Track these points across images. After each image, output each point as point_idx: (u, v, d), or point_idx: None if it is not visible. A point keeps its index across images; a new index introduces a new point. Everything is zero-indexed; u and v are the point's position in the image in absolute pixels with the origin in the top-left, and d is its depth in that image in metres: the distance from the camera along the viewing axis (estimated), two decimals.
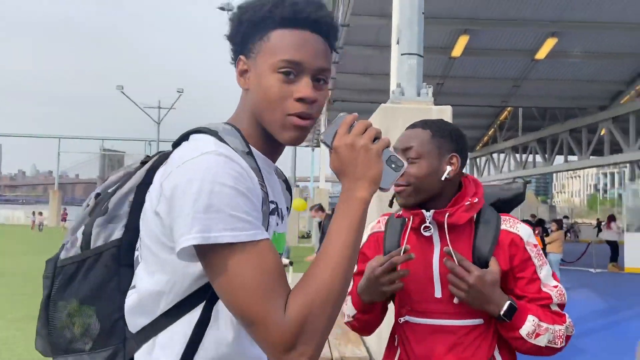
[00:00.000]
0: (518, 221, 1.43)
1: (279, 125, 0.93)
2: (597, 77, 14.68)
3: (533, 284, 1.37)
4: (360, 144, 0.90)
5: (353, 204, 0.89)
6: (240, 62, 0.97)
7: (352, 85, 15.26)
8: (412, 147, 1.40)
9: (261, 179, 0.92)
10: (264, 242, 0.84)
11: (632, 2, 11.10)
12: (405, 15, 3.65)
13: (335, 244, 0.87)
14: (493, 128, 22.72)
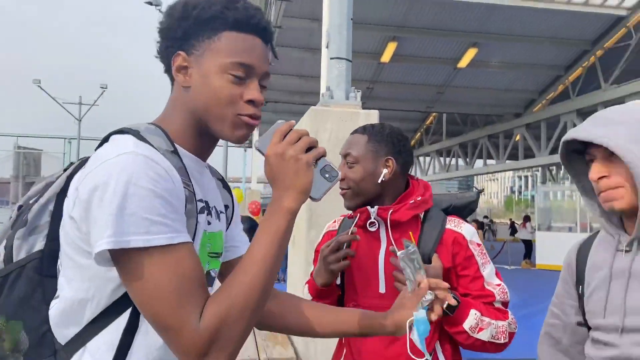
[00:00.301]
0: (463, 222, 1.49)
1: (229, 124, 0.94)
2: (512, 86, 15.72)
3: (476, 281, 1.41)
4: (290, 153, 0.90)
5: (279, 213, 0.89)
6: (179, 57, 0.94)
7: (285, 86, 15.30)
8: (350, 153, 1.49)
9: (187, 178, 0.90)
10: (182, 245, 0.83)
11: (543, 18, 12.03)
12: (335, 20, 3.74)
13: (257, 253, 0.87)
14: (419, 132, 23.65)
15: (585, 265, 1.29)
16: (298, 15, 11.08)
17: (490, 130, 18.45)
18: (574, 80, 14.46)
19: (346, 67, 3.78)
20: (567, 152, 1.29)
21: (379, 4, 11.61)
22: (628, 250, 1.17)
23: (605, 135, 1.13)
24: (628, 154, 1.09)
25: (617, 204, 1.15)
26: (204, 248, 0.98)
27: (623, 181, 1.13)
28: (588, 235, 1.37)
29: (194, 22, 0.93)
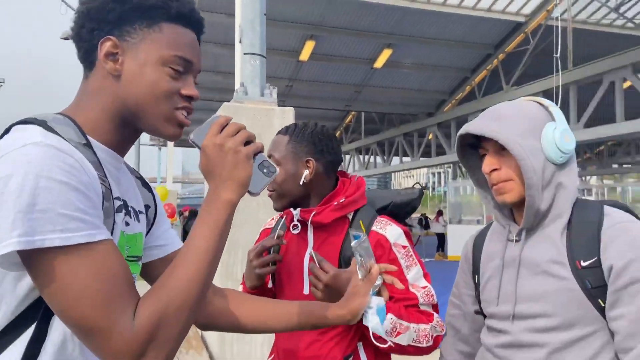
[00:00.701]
0: (390, 223, 1.44)
1: (163, 118, 0.90)
2: (425, 86, 16.46)
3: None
4: (229, 145, 0.87)
5: (218, 205, 0.86)
6: (109, 42, 0.87)
7: (203, 83, 14.87)
8: (272, 155, 1.45)
9: (102, 173, 0.84)
10: (104, 243, 0.76)
11: (451, 22, 12.72)
12: (247, 15, 3.67)
13: (195, 247, 0.83)
14: (339, 131, 24.05)
15: (481, 255, 1.35)
16: (213, 10, 10.82)
17: (406, 129, 19.18)
18: (480, 82, 15.41)
19: (260, 63, 3.73)
20: (463, 147, 1.34)
21: (296, 2, 11.65)
22: (518, 240, 1.23)
23: (496, 129, 1.17)
24: (516, 147, 1.15)
25: (507, 197, 1.21)
26: (122, 250, 0.90)
27: (513, 174, 1.19)
28: (483, 227, 1.44)
29: (132, 8, 0.88)
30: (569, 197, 1.20)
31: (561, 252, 1.15)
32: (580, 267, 1.12)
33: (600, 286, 1.11)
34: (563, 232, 1.17)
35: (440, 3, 12.05)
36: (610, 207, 1.20)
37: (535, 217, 1.19)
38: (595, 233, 1.13)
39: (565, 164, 1.20)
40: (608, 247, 1.11)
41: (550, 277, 1.15)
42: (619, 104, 10.61)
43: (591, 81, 11.44)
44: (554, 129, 1.17)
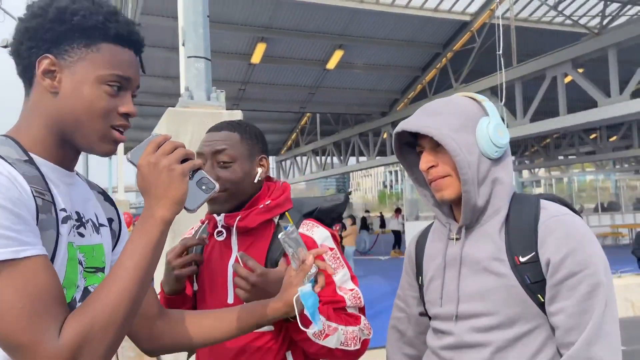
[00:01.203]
0: (317, 225, 1.42)
1: (99, 136, 0.92)
2: (377, 86, 16.64)
3: (327, 287, 1.34)
4: (164, 163, 0.89)
5: (151, 222, 0.87)
6: (46, 60, 0.90)
7: (150, 88, 14.48)
8: (224, 150, 1.34)
9: (43, 186, 0.86)
10: (32, 259, 0.77)
11: (399, 22, 12.92)
12: (189, 17, 3.56)
13: (126, 264, 0.83)
14: (295, 132, 24.01)
15: (423, 255, 1.32)
16: (157, 13, 10.55)
17: (361, 128, 19.34)
18: (430, 80, 15.73)
19: (205, 66, 3.63)
20: (401, 146, 1.31)
21: (245, 4, 11.52)
22: (458, 238, 1.21)
23: (431, 125, 1.16)
24: (450, 143, 1.13)
25: (446, 193, 1.19)
26: (74, 261, 0.91)
27: (450, 170, 1.17)
28: (425, 227, 1.41)
29: (71, 28, 0.91)
30: (506, 192, 1.18)
31: (500, 248, 1.14)
32: (519, 263, 1.11)
33: (539, 281, 1.10)
34: (501, 228, 1.16)
35: (389, 4, 12.20)
36: (547, 200, 1.19)
37: (473, 214, 1.17)
38: (532, 227, 1.12)
39: (501, 158, 1.19)
40: (545, 241, 1.10)
41: (490, 274, 1.13)
42: (562, 98, 11.05)
43: (535, 77, 11.87)
44: (487, 123, 1.16)
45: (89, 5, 0.93)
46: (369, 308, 1.52)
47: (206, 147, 1.37)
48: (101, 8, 0.94)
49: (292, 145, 25.57)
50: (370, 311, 1.64)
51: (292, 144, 25.44)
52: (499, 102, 7.35)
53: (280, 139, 25.17)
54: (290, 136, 24.77)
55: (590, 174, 24.71)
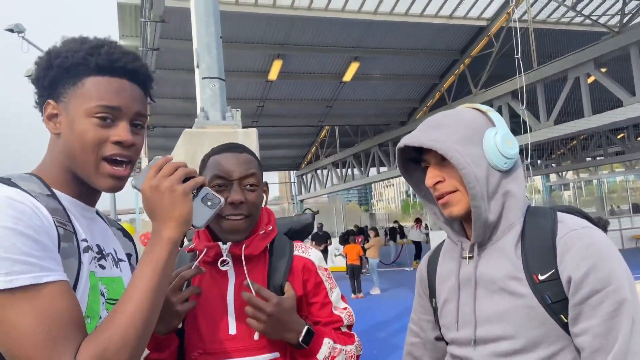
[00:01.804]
0: (309, 247, 1.43)
1: (93, 170, 0.93)
2: (395, 96, 16.57)
3: (325, 307, 1.36)
4: (165, 185, 0.91)
5: (159, 244, 0.89)
6: (48, 105, 0.96)
7: (172, 110, 14.72)
8: (255, 174, 1.31)
9: (65, 218, 0.89)
10: (52, 285, 0.79)
11: (415, 31, 12.88)
12: (203, 39, 3.59)
13: (137, 287, 0.85)
14: (315, 146, 24.04)
15: (436, 276, 1.25)
16: (174, 37, 10.74)
17: (380, 139, 19.25)
18: (448, 87, 15.58)
19: (220, 87, 3.64)
20: (406, 162, 1.25)
21: (261, 23, 11.65)
22: (471, 256, 1.14)
23: (434, 139, 1.10)
24: (456, 156, 1.07)
25: (455, 210, 1.12)
26: (96, 291, 0.93)
27: (457, 184, 1.11)
28: (436, 246, 1.34)
29: (58, 71, 0.94)
30: (519, 206, 1.11)
31: (517, 266, 1.06)
32: (538, 281, 1.03)
33: (561, 300, 1.02)
34: (517, 244, 1.08)
35: (403, 13, 12.17)
36: (564, 213, 1.12)
37: (485, 230, 1.10)
38: (550, 243, 1.04)
39: (511, 170, 1.12)
40: (564, 257, 1.02)
41: (508, 294, 1.06)
42: (586, 98, 10.80)
43: (556, 78, 11.64)
44: (494, 134, 1.10)
45: (75, 45, 0.96)
46: (395, 322, 1.50)
47: (236, 168, 1.30)
48: (84, 45, 0.96)
49: (312, 159, 25.61)
50: (397, 325, 1.60)
51: (312, 157, 25.47)
52: (521, 106, 7.20)
53: (300, 153, 25.24)
54: (310, 150, 24.81)
55: (620, 175, 24.01)
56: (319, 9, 11.54)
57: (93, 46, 0.96)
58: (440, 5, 12.23)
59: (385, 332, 7.46)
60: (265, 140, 20.05)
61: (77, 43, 0.97)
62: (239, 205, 1.27)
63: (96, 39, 0.99)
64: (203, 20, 3.60)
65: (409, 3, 11.91)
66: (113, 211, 17.68)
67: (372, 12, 11.94)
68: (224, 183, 1.29)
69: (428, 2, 11.98)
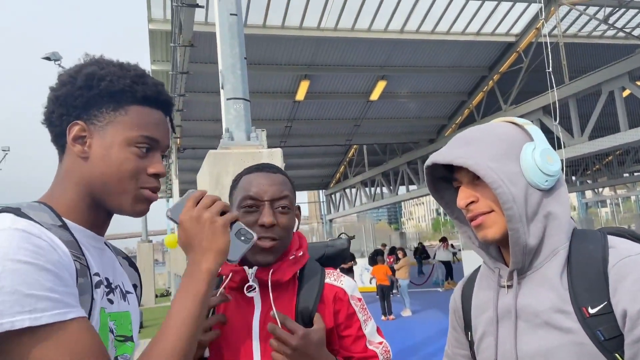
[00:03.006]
0: (342, 275, 1.34)
1: (131, 198, 0.93)
2: (423, 114, 16.44)
3: (359, 341, 1.27)
4: (206, 216, 0.92)
5: (198, 275, 0.89)
6: (77, 127, 0.92)
7: (201, 132, 14.99)
8: (287, 196, 1.26)
9: (78, 251, 0.86)
10: (76, 321, 0.77)
11: (442, 49, 12.80)
12: (227, 60, 3.61)
13: (177, 318, 0.85)
14: (343, 165, 24.01)
15: (471, 307, 1.15)
16: (203, 60, 10.97)
17: (409, 157, 19.08)
18: (477, 104, 15.37)
19: (244, 107, 3.64)
20: (435, 180, 1.16)
21: (288, 45, 11.80)
22: (510, 285, 1.04)
23: (465, 155, 1.01)
24: (489, 173, 0.98)
25: (489, 232, 1.02)
26: (105, 328, 0.90)
27: (493, 205, 1.01)
28: (470, 274, 1.25)
29: (99, 94, 0.92)
30: (563, 228, 1.01)
31: (563, 297, 0.95)
32: (589, 315, 0.92)
33: (616, 337, 0.90)
34: (563, 272, 0.98)
35: (429, 32, 12.13)
36: (615, 236, 1.00)
37: (524, 256, 1.00)
38: (601, 271, 0.93)
39: (553, 189, 1.02)
40: (617, 288, 0.91)
41: (553, 329, 0.95)
42: (621, 112, 10.45)
43: (590, 92, 11.34)
44: (532, 149, 1.00)
45: (117, 70, 0.95)
46: (428, 345, 1.40)
47: (268, 190, 1.24)
48: (128, 72, 0.96)
49: (340, 178, 25.56)
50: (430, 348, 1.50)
51: (341, 176, 25.42)
52: (553, 121, 7.00)
53: (329, 172, 25.24)
54: (339, 169, 24.78)
55: None
56: (345, 29, 11.62)
57: (139, 75, 0.96)
58: (467, 23, 12.14)
59: (417, 356, 7.23)
60: (294, 160, 20.14)
61: (118, 68, 0.95)
62: (269, 228, 1.22)
63: (136, 67, 0.99)
64: (227, 42, 3.64)
65: (435, 21, 11.87)
66: (144, 232, 17.96)
67: (399, 31, 11.95)
68: (255, 204, 1.24)
69: (455, 19, 11.92)
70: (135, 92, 0.94)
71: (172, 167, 16.86)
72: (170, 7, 9.06)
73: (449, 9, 11.50)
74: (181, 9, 7.46)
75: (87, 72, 0.93)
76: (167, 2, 9.66)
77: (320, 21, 11.26)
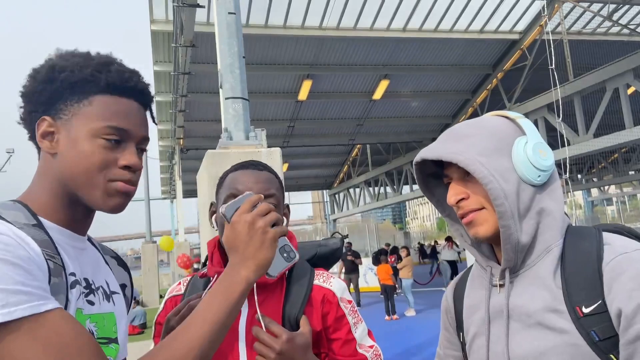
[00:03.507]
0: (332, 276, 1.30)
1: (101, 192, 0.89)
2: (426, 112, 16.39)
3: (348, 345, 1.23)
4: (260, 224, 0.90)
5: (235, 280, 0.86)
6: (44, 122, 0.88)
7: (204, 132, 15.00)
8: (274, 194, 1.22)
9: (53, 250, 0.82)
10: (53, 312, 0.73)
11: (445, 47, 12.74)
12: (225, 59, 3.59)
13: (203, 318, 0.83)
14: (347, 165, 23.98)
15: (463, 307, 1.11)
16: (204, 61, 10.97)
17: (412, 156, 18.95)
18: (481, 102, 15.31)
19: (243, 107, 3.62)
20: (426, 177, 1.12)
21: (290, 45, 11.79)
22: (502, 284, 1.00)
23: (455, 150, 0.97)
24: (479, 168, 0.94)
25: (481, 230, 0.99)
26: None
27: (484, 201, 0.98)
28: (462, 272, 1.21)
29: (60, 86, 0.88)
30: (556, 225, 0.97)
31: (557, 296, 0.92)
32: (583, 315, 0.88)
33: (611, 337, 0.87)
34: (556, 271, 0.94)
35: (432, 30, 12.08)
36: (611, 233, 0.96)
37: (516, 254, 0.96)
38: (595, 269, 0.90)
39: (546, 184, 0.99)
40: (612, 286, 0.87)
41: (546, 330, 0.91)
42: (626, 110, 10.37)
43: (594, 90, 11.26)
44: (525, 143, 0.97)
45: (79, 60, 0.91)
46: (431, 345, 1.35)
47: (254, 187, 1.22)
48: (91, 60, 0.91)
49: (344, 177, 25.52)
50: (433, 348, 1.45)
51: (344, 176, 25.39)
52: (557, 118, 6.94)
53: (332, 172, 25.21)
54: (342, 169, 24.75)
55: None
56: (347, 28, 11.59)
57: (102, 63, 0.91)
58: (471, 20, 12.09)
59: (421, 355, 7.18)
60: (297, 160, 20.11)
61: (82, 58, 0.91)
62: None
63: (102, 55, 0.93)
64: (226, 41, 3.61)
65: (438, 19, 11.82)
66: (149, 233, 17.99)
67: (401, 29, 11.91)
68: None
69: (458, 17, 11.86)
70: (98, 80, 0.89)
71: (176, 168, 16.87)
72: (172, 7, 9.05)
73: (452, 7, 11.45)
74: (182, 9, 7.44)
75: (48, 65, 0.90)
76: (169, 3, 9.65)
77: (322, 20, 11.23)
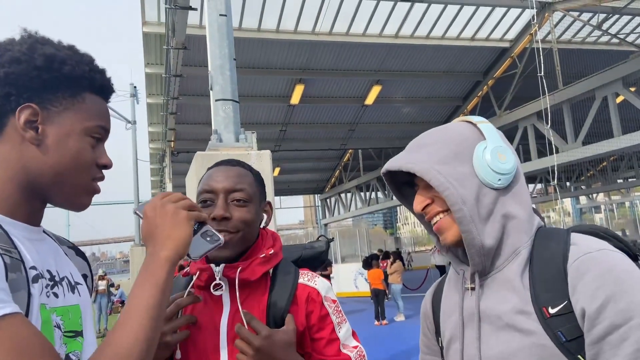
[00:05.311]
0: (317, 275, 1.31)
1: (82, 189, 0.89)
2: (417, 118, 16.46)
3: (332, 344, 1.23)
4: (170, 207, 0.91)
5: (157, 263, 0.85)
6: (29, 109, 0.85)
7: (195, 135, 14.94)
8: (243, 189, 1.22)
9: (9, 244, 0.79)
10: (10, 317, 0.70)
11: (436, 54, 12.83)
12: (216, 61, 3.59)
13: (136, 307, 0.80)
14: (338, 169, 23.99)
15: (440, 311, 1.12)
16: (196, 64, 10.95)
17: None
18: (472, 109, 15.40)
19: (233, 109, 3.62)
20: (401, 187, 1.13)
21: (282, 49, 11.80)
22: (473, 287, 1.01)
23: (414, 160, 0.99)
24: (436, 176, 0.96)
25: (448, 236, 1.00)
26: (48, 325, 0.82)
27: (447, 207, 1.00)
28: (442, 277, 1.21)
29: (58, 77, 0.87)
30: (522, 228, 0.98)
31: (524, 298, 0.92)
32: (549, 316, 0.89)
33: (577, 338, 0.87)
34: (524, 272, 0.95)
35: (424, 36, 12.16)
36: (581, 234, 0.97)
37: (482, 257, 0.97)
38: (561, 269, 0.90)
39: (509, 188, 0.99)
40: (577, 285, 0.87)
41: (515, 332, 0.92)
42: (615, 118, 10.49)
43: (583, 98, 11.38)
44: (484, 148, 0.99)
45: (74, 54, 0.90)
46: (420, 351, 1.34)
47: (222, 182, 1.22)
48: (84, 57, 0.92)
49: (335, 182, 25.53)
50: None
51: (336, 181, 25.40)
52: (545, 125, 7.01)
53: (324, 177, 25.21)
54: (334, 174, 24.77)
55: None
56: (340, 33, 11.63)
57: (91, 62, 0.93)
58: (462, 28, 12.18)
59: None
60: (289, 165, 20.10)
61: (72, 52, 0.90)
62: (221, 222, 1.18)
63: (85, 53, 0.93)
64: (217, 43, 3.61)
65: (430, 26, 11.90)
66: (137, 236, 17.84)
67: (393, 35, 11.97)
68: (211, 197, 1.22)
69: (450, 24, 11.95)
70: (94, 80, 0.92)
71: (166, 170, 16.79)
72: (164, 9, 9.04)
73: (444, 14, 11.53)
74: (174, 11, 7.43)
75: (46, 52, 0.86)
76: (162, 5, 9.63)
77: (315, 25, 11.26)
